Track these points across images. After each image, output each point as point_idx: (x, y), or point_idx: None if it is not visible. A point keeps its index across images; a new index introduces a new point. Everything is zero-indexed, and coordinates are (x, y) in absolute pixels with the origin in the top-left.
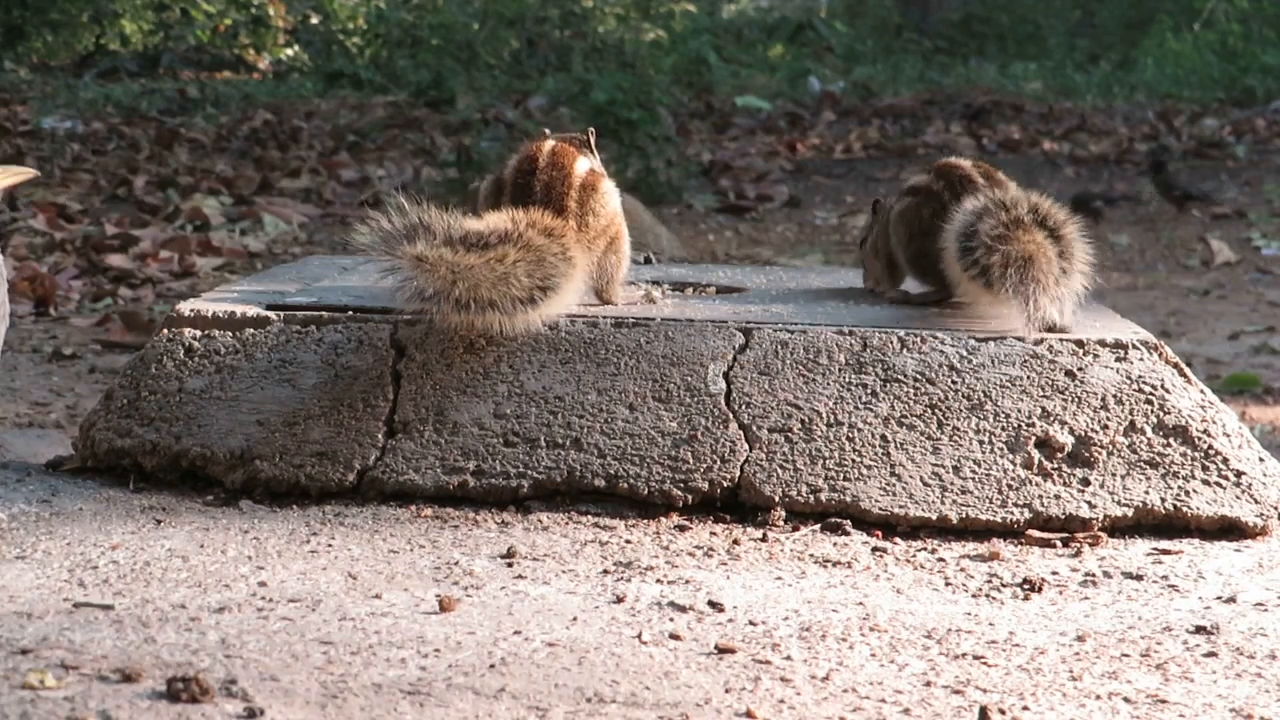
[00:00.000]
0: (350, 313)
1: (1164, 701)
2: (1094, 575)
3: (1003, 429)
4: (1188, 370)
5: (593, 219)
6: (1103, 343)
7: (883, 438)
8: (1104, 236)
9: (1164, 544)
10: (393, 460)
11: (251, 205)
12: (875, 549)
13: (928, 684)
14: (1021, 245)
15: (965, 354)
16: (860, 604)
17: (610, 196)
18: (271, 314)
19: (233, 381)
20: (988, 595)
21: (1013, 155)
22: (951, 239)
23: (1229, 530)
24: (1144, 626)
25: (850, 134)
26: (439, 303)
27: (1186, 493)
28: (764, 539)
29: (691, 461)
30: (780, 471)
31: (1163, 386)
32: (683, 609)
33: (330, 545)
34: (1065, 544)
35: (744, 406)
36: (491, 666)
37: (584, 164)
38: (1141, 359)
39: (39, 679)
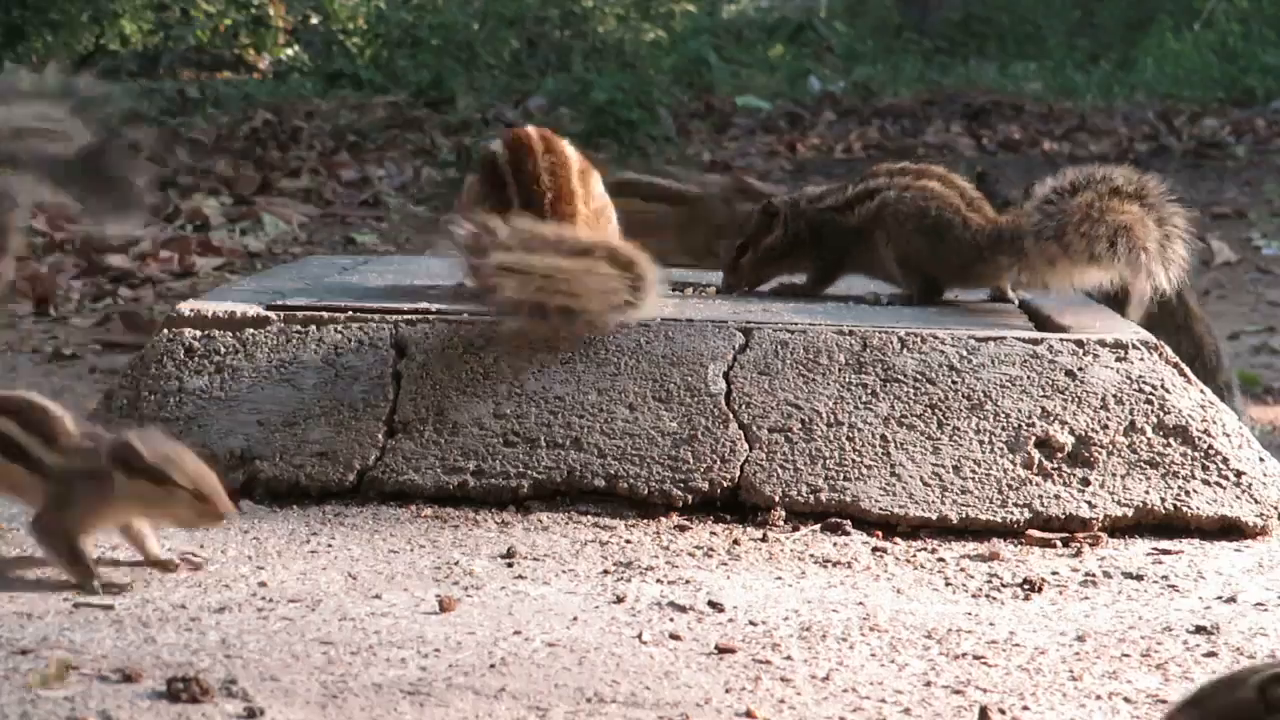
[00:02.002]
0: (350, 313)
1: (1164, 701)
2: (1094, 575)
3: (1003, 429)
4: (1188, 370)
5: (592, 201)
6: (1103, 342)
7: (883, 438)
8: None
9: (1164, 544)
10: (393, 460)
11: (251, 205)
12: (875, 549)
13: (928, 684)
14: (1120, 216)
15: (965, 354)
16: (860, 604)
17: (599, 182)
18: (271, 314)
19: (233, 381)
20: (988, 595)
21: (1013, 155)
22: (1039, 216)
23: (1229, 530)
24: (1144, 626)
25: (850, 134)
26: (529, 306)
27: (1186, 493)
28: (764, 539)
29: (691, 461)
30: (780, 471)
31: (1163, 386)
32: (683, 609)
33: (330, 545)
34: (1065, 544)
35: (744, 406)
36: (491, 666)
37: (573, 149)
38: (1141, 359)
39: (39, 679)
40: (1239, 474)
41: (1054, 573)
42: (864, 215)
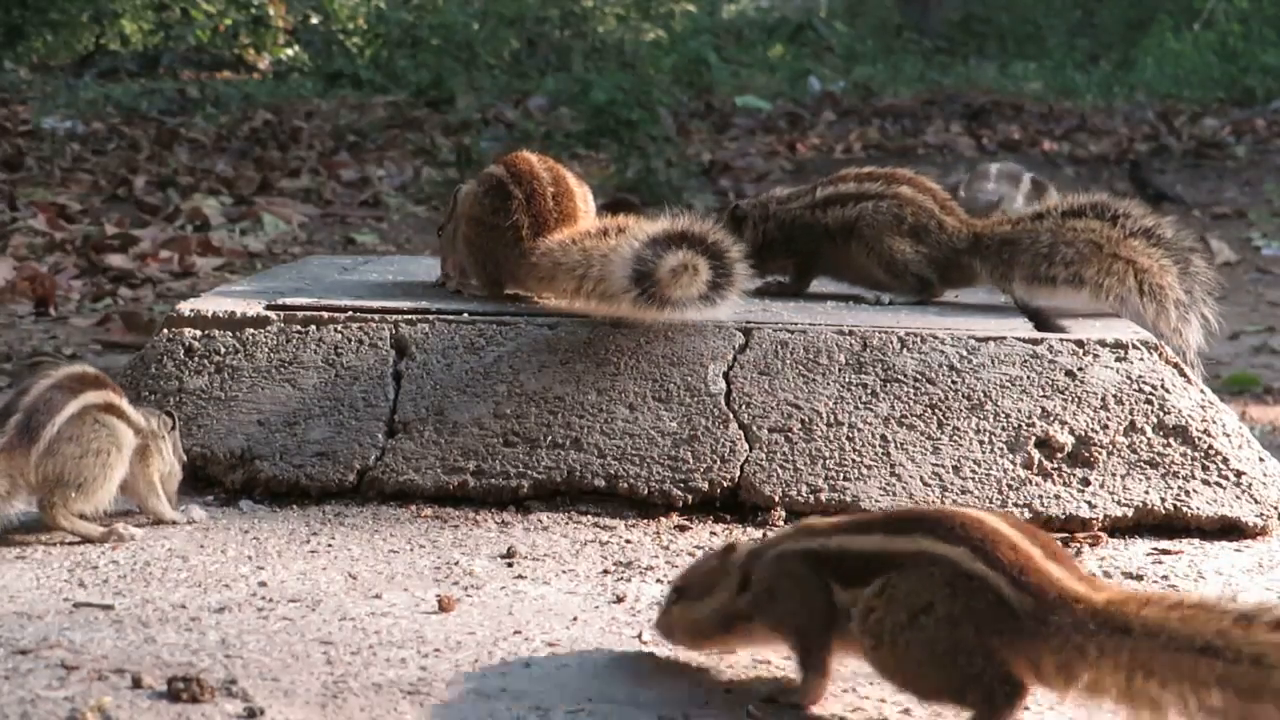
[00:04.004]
0: (350, 313)
1: None
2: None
3: (1003, 429)
4: (1188, 370)
5: (590, 206)
6: (1103, 342)
7: (883, 438)
8: None
9: (1164, 544)
10: (393, 460)
11: (251, 205)
12: None
13: None
14: (1142, 260)
15: (965, 354)
16: None
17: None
18: (271, 314)
19: (233, 381)
20: None
21: (1013, 155)
22: (1048, 237)
23: (1229, 530)
24: None
25: (850, 134)
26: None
27: (1186, 493)
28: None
29: (691, 461)
30: (780, 471)
31: (1163, 386)
32: None
33: (330, 545)
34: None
35: (744, 406)
36: (491, 666)
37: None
38: (1141, 359)
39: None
40: (1239, 474)
41: None
42: (837, 220)
